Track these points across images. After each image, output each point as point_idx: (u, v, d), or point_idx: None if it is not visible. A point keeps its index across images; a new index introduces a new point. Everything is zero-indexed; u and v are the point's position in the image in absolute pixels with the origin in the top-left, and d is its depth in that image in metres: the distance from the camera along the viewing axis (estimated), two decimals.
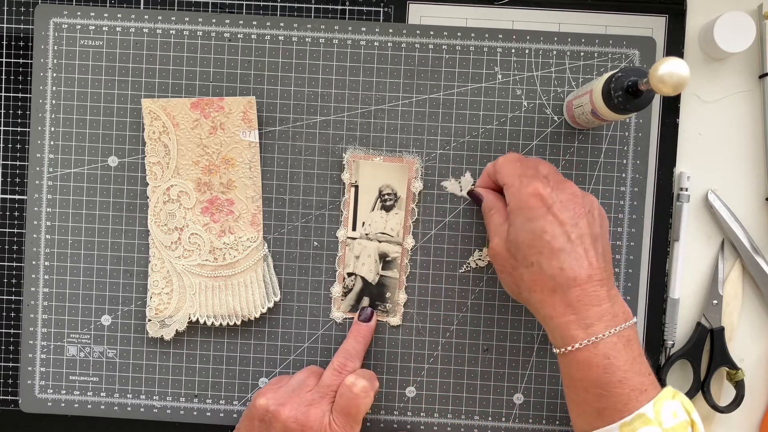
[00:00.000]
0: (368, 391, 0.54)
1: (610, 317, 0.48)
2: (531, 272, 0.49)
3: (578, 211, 0.50)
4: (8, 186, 0.61)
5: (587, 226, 0.49)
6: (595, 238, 0.50)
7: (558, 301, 0.48)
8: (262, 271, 0.60)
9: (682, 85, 0.42)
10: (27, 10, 0.60)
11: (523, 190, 0.50)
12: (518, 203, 0.50)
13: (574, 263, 0.48)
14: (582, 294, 0.48)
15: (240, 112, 0.59)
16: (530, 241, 0.49)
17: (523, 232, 0.50)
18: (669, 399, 0.47)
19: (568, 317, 0.48)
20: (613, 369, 0.47)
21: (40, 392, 0.61)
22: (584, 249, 0.49)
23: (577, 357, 0.48)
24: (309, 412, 0.53)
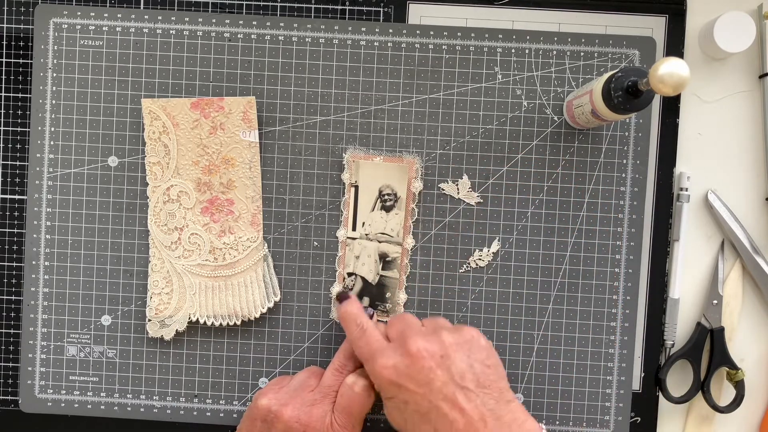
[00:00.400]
0: (370, 390, 0.54)
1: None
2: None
3: (427, 366, 0.49)
4: (8, 186, 0.61)
5: (445, 374, 0.49)
6: (461, 377, 0.49)
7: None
8: (262, 271, 0.60)
9: (682, 85, 0.42)
10: (27, 10, 0.60)
11: (373, 371, 0.51)
12: (377, 386, 0.52)
13: (444, 420, 0.48)
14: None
15: (240, 112, 0.59)
16: (401, 417, 0.50)
17: (393, 410, 0.51)
18: None
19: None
20: None
21: (40, 392, 0.61)
22: (449, 402, 0.48)
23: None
24: (311, 412, 0.53)
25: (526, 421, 0.49)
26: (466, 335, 0.51)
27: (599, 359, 0.60)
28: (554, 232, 0.60)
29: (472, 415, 0.48)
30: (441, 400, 0.48)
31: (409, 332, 0.51)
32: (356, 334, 0.53)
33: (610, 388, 0.60)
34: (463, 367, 0.49)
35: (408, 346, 0.50)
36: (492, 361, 0.50)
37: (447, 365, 0.49)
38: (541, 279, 0.60)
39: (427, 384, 0.49)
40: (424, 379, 0.49)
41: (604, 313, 0.60)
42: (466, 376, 0.49)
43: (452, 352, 0.50)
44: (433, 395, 0.48)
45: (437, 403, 0.48)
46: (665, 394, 0.60)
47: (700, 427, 0.62)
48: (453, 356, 0.49)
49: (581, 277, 0.60)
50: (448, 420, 0.48)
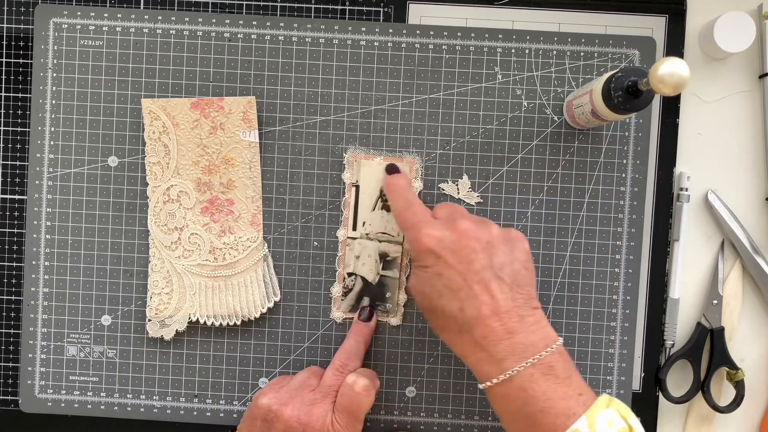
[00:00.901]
0: (370, 389, 0.54)
1: (523, 349, 0.47)
2: (437, 315, 0.50)
3: (472, 246, 0.49)
4: (8, 186, 0.61)
5: (486, 259, 0.49)
6: (500, 268, 0.49)
7: (466, 341, 0.49)
8: (262, 271, 0.60)
9: (682, 85, 0.42)
10: (27, 10, 0.60)
11: (416, 239, 0.51)
12: (414, 254, 0.52)
13: (473, 302, 0.48)
14: (487, 331, 0.48)
15: (240, 112, 0.59)
16: (429, 286, 0.50)
17: (422, 280, 0.51)
18: (602, 409, 0.47)
19: (479, 355, 0.48)
20: (532, 401, 0.47)
21: (40, 392, 0.61)
22: (483, 285, 0.49)
23: (496, 392, 0.48)
24: (311, 411, 0.53)
25: (546, 327, 0.49)
26: (513, 234, 0.52)
27: (599, 359, 0.60)
28: (554, 232, 0.60)
29: (501, 304, 0.48)
30: (476, 282, 0.49)
31: (459, 215, 0.52)
32: (402, 205, 0.54)
33: (610, 388, 0.60)
34: (503, 260, 0.50)
35: (457, 225, 0.50)
36: (529, 266, 0.51)
37: (490, 253, 0.50)
38: (541, 279, 0.60)
39: (468, 263, 0.49)
40: (466, 257, 0.49)
41: (604, 313, 0.60)
42: (505, 269, 0.50)
43: (498, 243, 0.50)
44: (469, 274, 0.49)
45: (471, 283, 0.49)
46: (665, 394, 0.60)
47: (700, 427, 0.62)
48: (497, 247, 0.50)
49: (581, 277, 0.60)
50: (477, 301, 0.48)
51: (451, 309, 0.49)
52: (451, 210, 0.53)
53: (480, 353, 0.48)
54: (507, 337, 0.48)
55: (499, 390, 0.48)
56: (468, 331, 0.49)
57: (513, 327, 0.48)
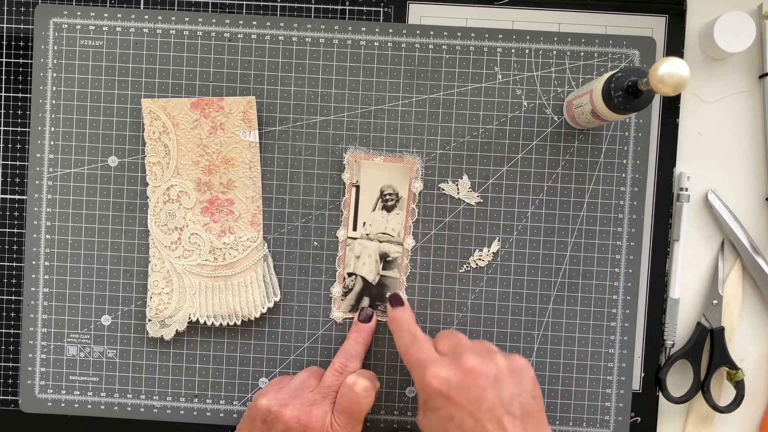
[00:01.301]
0: (369, 390, 0.54)
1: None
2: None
3: (480, 384, 0.48)
4: (8, 186, 0.61)
5: (495, 396, 0.48)
6: (509, 402, 0.48)
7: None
8: (262, 271, 0.60)
9: (682, 85, 0.42)
10: (27, 10, 0.60)
11: (423, 379, 0.49)
12: (422, 395, 0.50)
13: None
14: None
15: (240, 112, 0.59)
16: (442, 430, 0.49)
17: (432, 423, 0.49)
18: None
19: None
20: None
21: (40, 392, 0.61)
22: (495, 423, 0.47)
23: None
24: (311, 412, 0.53)
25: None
26: (518, 362, 0.50)
27: (599, 359, 0.60)
28: (554, 232, 0.60)
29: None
30: (488, 421, 0.47)
31: (462, 348, 0.50)
32: (407, 341, 0.52)
33: (610, 388, 0.60)
34: (512, 392, 0.49)
35: (463, 362, 0.49)
36: (537, 394, 0.50)
37: (498, 388, 0.48)
38: (541, 279, 0.60)
39: (477, 402, 0.48)
40: (475, 396, 0.48)
41: (604, 313, 0.60)
42: (514, 403, 0.48)
43: (504, 376, 0.49)
44: (481, 414, 0.47)
45: (484, 422, 0.47)
46: (665, 394, 0.60)
47: (700, 427, 0.62)
48: (505, 381, 0.49)
49: (581, 277, 0.60)
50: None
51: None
52: (454, 342, 0.51)
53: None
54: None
55: None
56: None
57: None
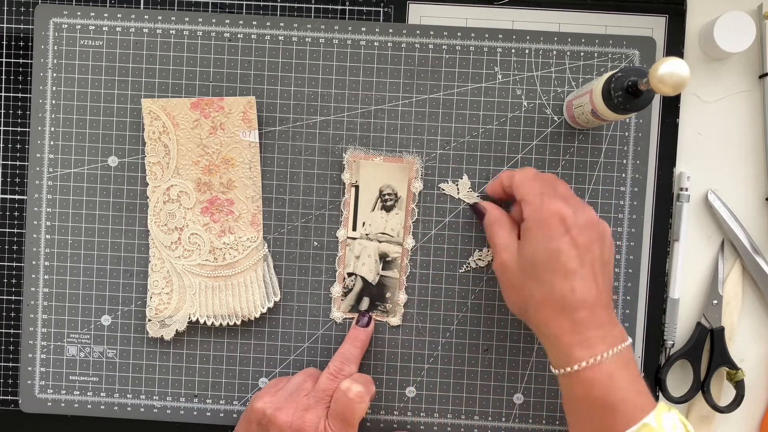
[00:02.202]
0: (363, 396, 0.54)
1: (611, 339, 0.49)
2: (542, 291, 0.50)
3: (593, 236, 0.51)
4: (8, 186, 0.61)
5: (599, 252, 0.51)
6: (605, 264, 0.51)
7: (565, 321, 0.49)
8: (262, 271, 0.60)
9: (682, 85, 0.42)
10: (27, 10, 0.60)
11: (544, 208, 0.51)
12: (539, 222, 0.51)
13: (585, 286, 0.49)
14: (588, 316, 0.49)
15: (240, 112, 0.59)
16: (546, 260, 0.50)
17: (539, 251, 0.50)
18: (666, 411, 0.48)
19: (573, 338, 0.49)
20: (615, 388, 0.47)
21: (40, 392, 0.61)
22: (594, 273, 0.50)
23: (582, 376, 0.48)
24: (304, 417, 0.53)
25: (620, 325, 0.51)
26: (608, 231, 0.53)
27: None
28: None
29: (604, 296, 0.50)
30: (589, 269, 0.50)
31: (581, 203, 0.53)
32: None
33: None
34: (608, 258, 0.52)
35: (584, 211, 0.51)
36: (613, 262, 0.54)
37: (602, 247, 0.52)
38: None
39: (587, 249, 0.50)
40: (588, 243, 0.50)
41: None
42: (607, 267, 0.52)
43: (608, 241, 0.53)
44: (587, 260, 0.50)
45: (587, 269, 0.50)
46: (665, 394, 0.60)
47: (700, 427, 0.62)
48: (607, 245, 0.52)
49: None
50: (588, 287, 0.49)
51: (562, 288, 0.49)
52: (572, 195, 0.53)
53: (575, 336, 0.48)
54: (601, 326, 0.49)
55: (586, 374, 0.48)
56: (570, 313, 0.49)
57: (606, 318, 0.49)
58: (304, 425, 0.52)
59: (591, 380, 0.48)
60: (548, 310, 0.50)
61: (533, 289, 0.50)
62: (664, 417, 0.48)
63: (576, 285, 0.49)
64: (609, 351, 0.48)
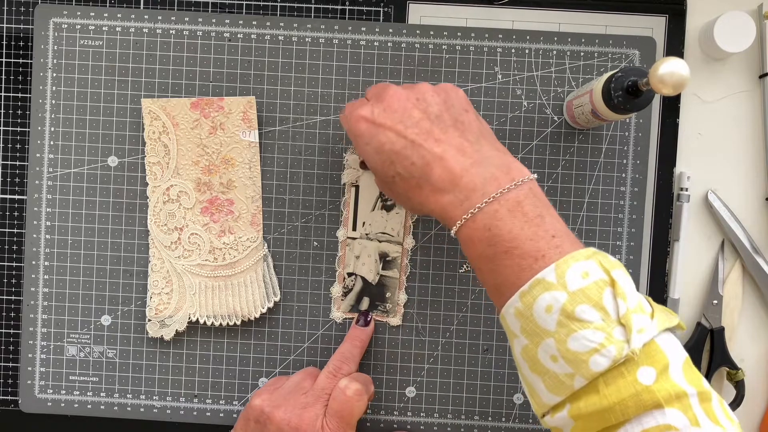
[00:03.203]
0: (361, 394, 0.54)
1: (483, 181, 0.45)
2: (397, 183, 0.49)
3: (403, 106, 0.48)
4: (8, 186, 0.61)
5: (421, 113, 0.48)
6: (437, 117, 0.48)
7: (428, 192, 0.47)
8: (262, 271, 0.60)
9: (683, 85, 0.42)
10: (27, 10, 0.60)
11: (351, 124, 0.50)
12: (354, 138, 0.50)
13: (419, 149, 0.47)
14: (441, 173, 0.46)
15: (240, 112, 0.59)
16: (379, 160, 0.49)
17: (370, 157, 0.49)
18: (581, 260, 0.41)
19: (443, 200, 0.46)
20: (496, 240, 0.43)
21: (40, 392, 0.61)
22: (424, 134, 0.47)
23: (462, 236, 0.45)
24: (303, 415, 0.53)
25: (513, 161, 0.46)
26: (445, 86, 0.50)
27: None
28: None
29: (449, 145, 0.47)
30: (416, 134, 0.47)
31: (386, 87, 0.50)
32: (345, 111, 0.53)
33: None
34: (439, 109, 0.48)
35: (385, 94, 0.49)
36: (470, 109, 0.49)
37: (423, 107, 0.48)
38: None
39: (402, 121, 0.48)
40: (400, 117, 0.48)
41: None
42: (443, 116, 0.48)
43: (429, 96, 0.49)
44: (408, 131, 0.48)
45: (412, 136, 0.47)
46: None
47: None
48: (429, 100, 0.49)
49: None
50: (423, 149, 0.47)
51: (404, 167, 0.47)
52: (380, 87, 0.51)
53: (444, 197, 0.46)
54: (466, 171, 0.46)
55: (465, 233, 0.45)
56: (426, 181, 0.47)
57: (469, 162, 0.46)
58: (302, 423, 0.52)
59: (469, 238, 0.45)
60: (413, 194, 0.48)
61: (393, 188, 0.49)
62: (572, 267, 0.41)
63: (411, 156, 0.47)
64: (482, 200, 0.44)
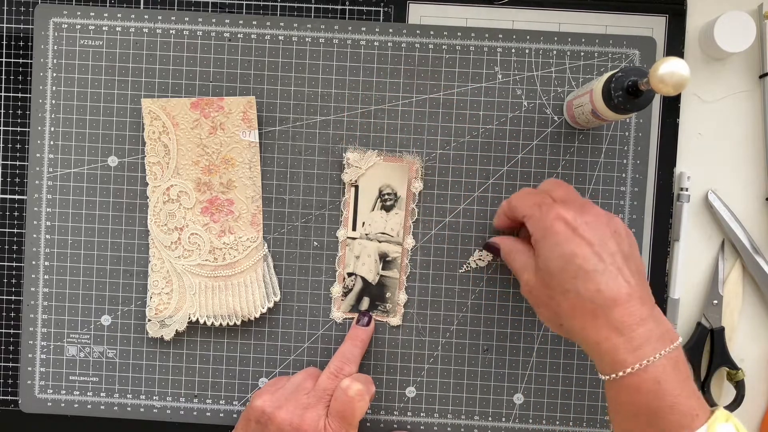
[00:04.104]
0: (363, 394, 0.54)
1: (657, 338, 0.46)
2: (568, 299, 0.47)
3: (604, 231, 0.48)
4: (8, 186, 0.61)
5: (616, 245, 0.48)
6: (627, 257, 0.48)
7: (602, 325, 0.46)
8: (262, 271, 0.60)
9: (683, 85, 0.42)
10: (27, 10, 0.60)
11: (545, 217, 0.49)
12: (543, 231, 0.49)
13: (610, 283, 0.46)
14: (625, 314, 0.46)
15: (240, 112, 0.59)
16: (562, 267, 0.48)
17: (553, 259, 0.48)
18: (722, 422, 0.45)
19: (615, 341, 0.46)
20: (663, 394, 0.45)
21: (40, 392, 0.61)
22: (617, 267, 0.47)
23: (627, 382, 0.45)
24: (304, 415, 0.53)
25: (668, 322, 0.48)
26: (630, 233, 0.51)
27: None
28: None
29: (636, 289, 0.47)
30: (611, 263, 0.47)
31: (585, 201, 0.51)
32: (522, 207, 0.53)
33: None
34: (629, 251, 0.49)
35: (589, 208, 0.49)
36: (642, 264, 0.50)
37: (618, 240, 0.49)
38: None
39: (602, 244, 0.48)
40: (600, 236, 0.48)
41: None
42: (631, 259, 0.49)
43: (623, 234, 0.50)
44: (605, 255, 0.47)
45: (608, 264, 0.47)
46: None
47: None
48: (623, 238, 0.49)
49: None
50: (615, 283, 0.47)
51: (587, 290, 0.46)
52: (574, 194, 0.51)
53: (616, 338, 0.45)
54: (643, 323, 0.46)
55: (631, 381, 0.45)
56: (605, 315, 0.46)
57: (647, 314, 0.46)
58: (303, 424, 0.52)
59: (636, 386, 0.45)
60: (580, 317, 0.47)
61: (560, 300, 0.48)
62: (718, 429, 0.44)
63: (601, 284, 0.46)
64: (656, 353, 0.45)
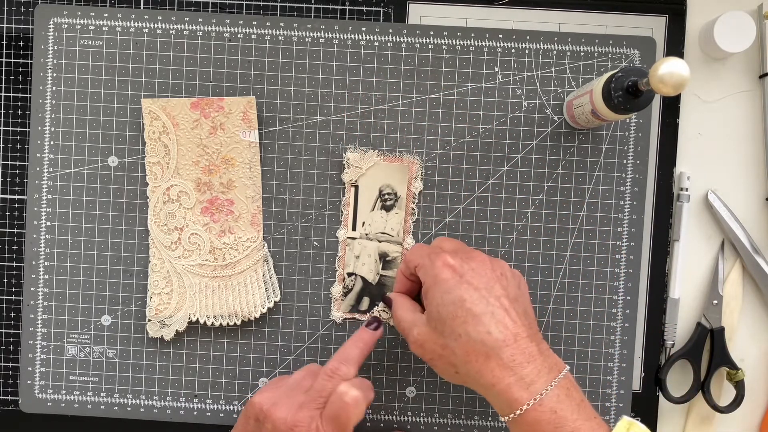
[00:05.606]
0: (360, 401, 0.52)
1: (547, 371, 0.48)
2: (461, 343, 0.49)
3: (490, 275, 0.50)
4: (8, 186, 0.61)
5: (502, 289, 0.50)
6: (514, 300, 0.50)
7: (495, 366, 0.48)
8: (262, 271, 0.60)
9: (683, 85, 0.42)
10: (27, 10, 0.60)
11: (433, 265, 0.51)
12: (433, 279, 0.51)
13: (499, 324, 0.48)
14: (516, 353, 0.48)
15: (240, 112, 0.59)
16: (452, 313, 0.49)
17: (444, 306, 0.50)
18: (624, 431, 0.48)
19: (508, 380, 0.48)
20: (562, 421, 0.47)
21: (40, 392, 0.61)
22: (504, 309, 0.49)
23: (526, 418, 0.47)
24: (297, 414, 0.52)
25: (554, 354, 0.50)
26: (518, 273, 0.53)
27: (599, 359, 0.60)
28: (554, 232, 0.60)
29: (522, 329, 0.49)
30: (498, 306, 0.49)
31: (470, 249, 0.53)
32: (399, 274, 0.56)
33: (610, 388, 0.60)
34: (515, 293, 0.51)
35: (473, 255, 0.52)
36: (530, 305, 0.53)
37: (504, 284, 0.51)
38: (541, 279, 0.60)
39: (488, 288, 0.50)
40: (486, 282, 0.50)
41: (604, 313, 0.60)
42: (518, 301, 0.51)
43: (509, 277, 0.52)
44: (491, 299, 0.49)
45: (494, 307, 0.49)
46: (665, 394, 0.60)
47: (700, 427, 0.62)
48: (509, 280, 0.52)
49: (581, 277, 0.60)
50: (502, 324, 0.48)
51: (478, 332, 0.48)
52: (458, 244, 0.54)
53: (509, 378, 0.48)
54: (532, 360, 0.48)
55: (529, 416, 0.47)
56: (496, 355, 0.48)
57: (535, 351, 0.48)
58: (296, 422, 0.52)
59: (535, 421, 0.47)
60: (474, 360, 0.48)
61: (454, 347, 0.49)
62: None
63: (489, 325, 0.48)
64: (548, 386, 0.47)
